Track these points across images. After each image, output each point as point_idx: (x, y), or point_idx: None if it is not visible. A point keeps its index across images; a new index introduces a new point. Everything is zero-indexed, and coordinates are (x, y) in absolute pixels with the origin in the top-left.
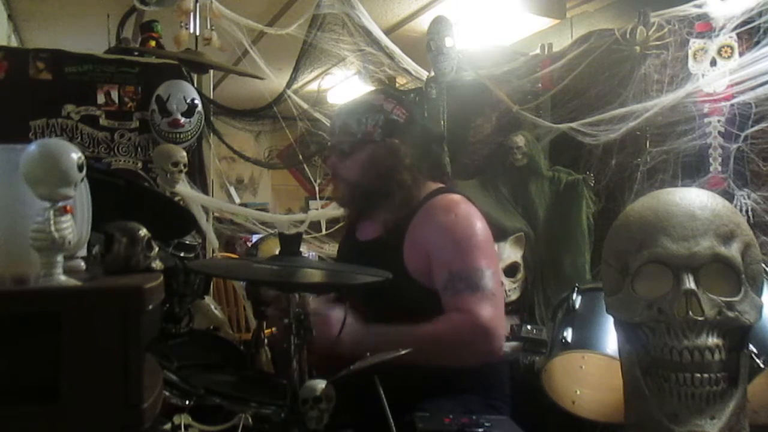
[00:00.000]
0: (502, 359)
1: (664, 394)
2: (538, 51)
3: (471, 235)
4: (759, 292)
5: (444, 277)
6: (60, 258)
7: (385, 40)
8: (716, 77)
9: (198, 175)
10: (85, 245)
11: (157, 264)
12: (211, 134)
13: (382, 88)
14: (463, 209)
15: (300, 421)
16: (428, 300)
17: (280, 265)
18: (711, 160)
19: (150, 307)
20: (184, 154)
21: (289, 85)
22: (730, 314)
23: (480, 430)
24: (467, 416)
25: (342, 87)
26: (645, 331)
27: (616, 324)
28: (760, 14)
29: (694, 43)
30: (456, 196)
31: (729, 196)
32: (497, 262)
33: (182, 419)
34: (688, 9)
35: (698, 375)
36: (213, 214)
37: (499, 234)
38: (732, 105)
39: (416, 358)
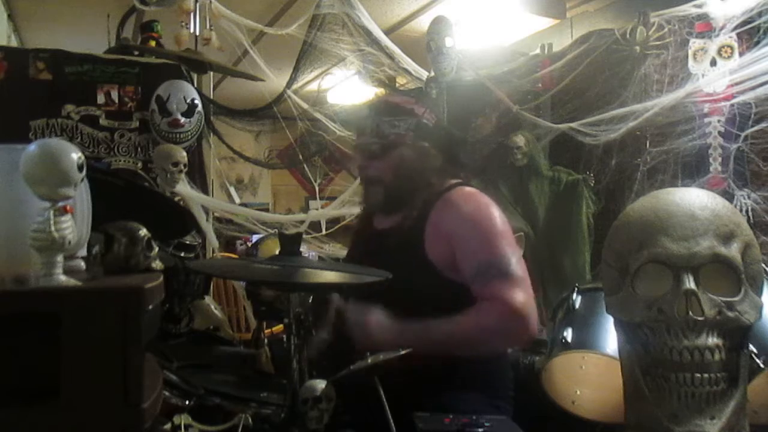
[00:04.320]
0: (505, 355)
1: (664, 394)
2: (538, 51)
3: (493, 224)
4: (759, 292)
5: (473, 268)
6: (60, 258)
7: (385, 40)
8: (716, 77)
9: (198, 175)
10: (85, 245)
11: (157, 264)
12: (211, 134)
13: (408, 90)
14: (481, 200)
15: (300, 421)
16: (449, 290)
17: (280, 265)
18: (711, 160)
19: (150, 307)
20: (184, 154)
21: (289, 85)
22: (730, 314)
23: (480, 430)
24: (467, 416)
25: (342, 87)
26: (645, 331)
27: (616, 324)
28: (760, 14)
29: (694, 43)
30: (473, 189)
31: (729, 196)
32: (519, 249)
33: (182, 419)
34: (688, 9)
35: (698, 375)
36: (213, 214)
37: None
38: (732, 105)
39: (453, 350)
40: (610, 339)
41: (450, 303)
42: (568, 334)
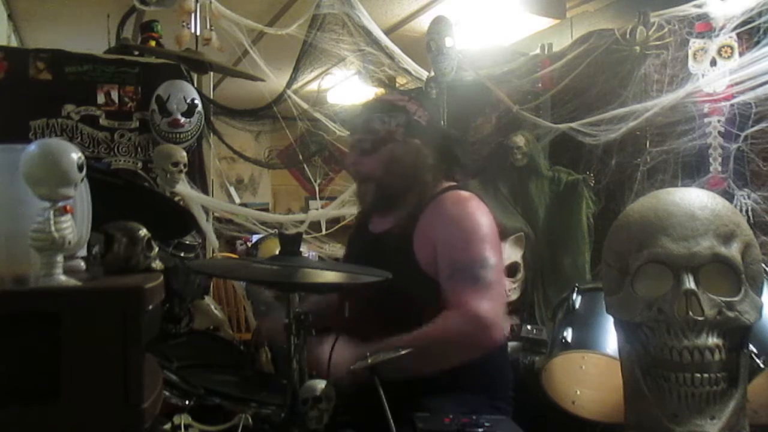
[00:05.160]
0: (505, 356)
1: (664, 394)
2: (538, 51)
3: (476, 228)
4: (759, 292)
5: (446, 267)
6: (60, 258)
7: (385, 40)
8: (716, 77)
9: (198, 175)
10: (85, 245)
11: (157, 264)
12: (211, 134)
13: (408, 90)
14: (471, 204)
15: (300, 421)
16: (438, 292)
17: (280, 265)
18: (711, 160)
19: (150, 307)
20: (184, 154)
21: (289, 85)
22: (730, 314)
23: (480, 430)
24: (467, 416)
25: (342, 87)
26: (645, 331)
27: (616, 324)
28: (760, 14)
29: (694, 43)
30: (466, 193)
31: (729, 196)
32: (501, 256)
33: (182, 419)
34: (688, 9)
35: (698, 375)
36: (213, 214)
37: (500, 234)
38: (732, 105)
39: (423, 364)
40: (610, 339)
41: (438, 305)
42: (568, 334)
